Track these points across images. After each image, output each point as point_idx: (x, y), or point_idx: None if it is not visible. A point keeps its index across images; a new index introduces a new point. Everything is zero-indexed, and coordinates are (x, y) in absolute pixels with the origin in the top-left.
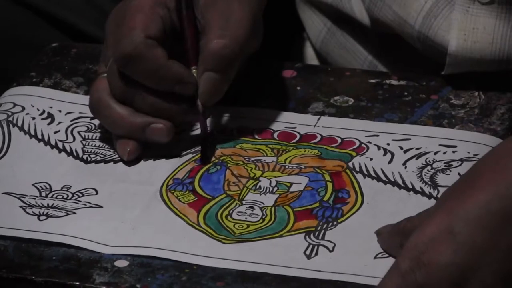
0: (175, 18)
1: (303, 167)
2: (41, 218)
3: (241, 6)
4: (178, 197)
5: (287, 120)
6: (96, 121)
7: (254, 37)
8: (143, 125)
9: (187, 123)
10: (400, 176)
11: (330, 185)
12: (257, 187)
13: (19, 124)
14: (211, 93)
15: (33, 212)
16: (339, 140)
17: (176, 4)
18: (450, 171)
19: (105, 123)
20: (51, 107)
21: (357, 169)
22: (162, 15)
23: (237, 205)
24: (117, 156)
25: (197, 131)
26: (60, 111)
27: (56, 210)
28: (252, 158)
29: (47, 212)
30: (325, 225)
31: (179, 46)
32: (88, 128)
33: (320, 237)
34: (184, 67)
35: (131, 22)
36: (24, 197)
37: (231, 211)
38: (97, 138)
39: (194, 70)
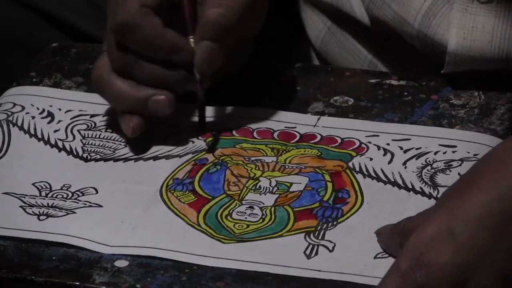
0: None
1: (303, 167)
2: (41, 218)
3: None
4: (178, 197)
5: (287, 120)
6: (96, 119)
7: (253, 12)
8: (145, 97)
9: (187, 122)
10: (400, 176)
11: (330, 185)
12: (257, 187)
13: (19, 123)
14: (207, 61)
15: (33, 212)
16: (339, 140)
17: None
18: (450, 171)
19: (107, 99)
20: (50, 106)
21: (357, 169)
22: None
23: (237, 205)
24: (117, 154)
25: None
26: (60, 109)
27: (56, 210)
28: (252, 158)
29: (47, 212)
30: (325, 225)
31: (177, 16)
32: (88, 126)
33: (320, 237)
34: (181, 35)
35: None
36: (24, 197)
37: (231, 211)
38: (97, 136)
39: (191, 40)
